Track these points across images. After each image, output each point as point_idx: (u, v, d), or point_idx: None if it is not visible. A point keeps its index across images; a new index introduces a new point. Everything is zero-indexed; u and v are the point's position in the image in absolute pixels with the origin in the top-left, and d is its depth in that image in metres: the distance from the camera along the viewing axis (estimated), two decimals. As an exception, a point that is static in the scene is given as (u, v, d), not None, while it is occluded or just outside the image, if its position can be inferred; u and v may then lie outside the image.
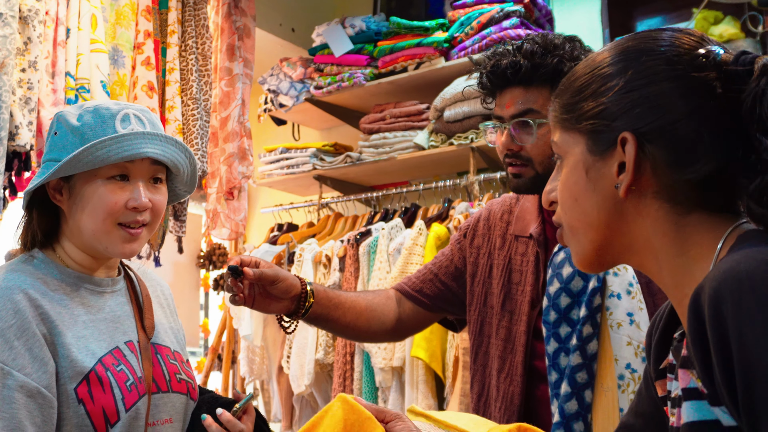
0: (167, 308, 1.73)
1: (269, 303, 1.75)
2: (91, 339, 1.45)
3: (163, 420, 1.53)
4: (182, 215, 3.24)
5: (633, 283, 1.66)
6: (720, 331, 0.79)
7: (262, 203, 4.83)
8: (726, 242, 0.93)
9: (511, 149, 1.79)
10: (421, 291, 1.99)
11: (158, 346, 1.59)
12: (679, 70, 0.95)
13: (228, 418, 1.53)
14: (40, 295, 1.42)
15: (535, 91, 1.75)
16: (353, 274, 3.44)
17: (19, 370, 1.33)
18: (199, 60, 3.30)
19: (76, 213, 1.48)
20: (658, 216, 0.98)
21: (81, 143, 1.44)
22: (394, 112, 3.80)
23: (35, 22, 2.63)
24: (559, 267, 1.69)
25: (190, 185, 1.63)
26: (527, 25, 3.47)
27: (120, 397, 1.43)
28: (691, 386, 0.88)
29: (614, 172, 0.99)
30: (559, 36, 1.79)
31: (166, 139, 1.49)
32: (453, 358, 3.05)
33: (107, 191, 1.46)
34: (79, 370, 1.40)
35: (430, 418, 1.32)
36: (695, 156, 0.94)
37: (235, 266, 1.66)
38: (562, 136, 1.06)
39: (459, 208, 3.33)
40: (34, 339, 1.37)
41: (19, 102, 2.57)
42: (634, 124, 0.96)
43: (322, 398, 3.55)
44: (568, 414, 1.63)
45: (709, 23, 3.16)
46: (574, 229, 1.06)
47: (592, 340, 1.64)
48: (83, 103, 1.52)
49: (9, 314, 1.36)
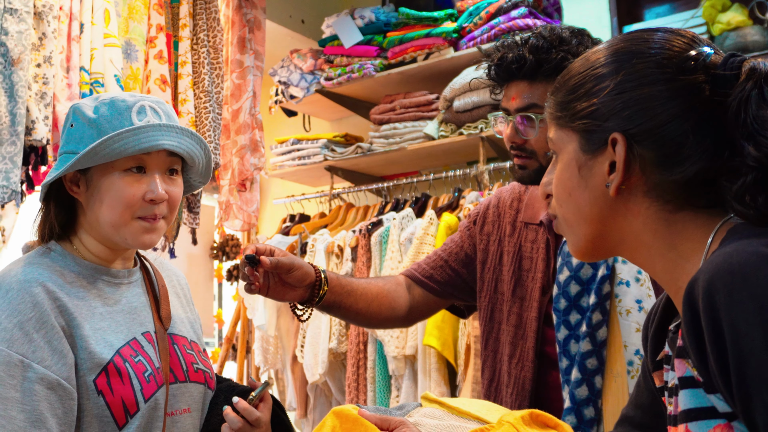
0: (183, 298, 1.73)
1: (284, 291, 1.75)
2: (109, 331, 1.45)
3: (182, 410, 1.53)
4: (196, 207, 3.27)
5: (641, 271, 1.68)
6: (714, 321, 0.82)
7: (274, 194, 4.85)
8: (716, 236, 0.95)
9: (515, 142, 1.81)
10: (431, 277, 2.00)
11: (175, 336, 1.59)
12: (668, 74, 0.97)
13: (244, 406, 1.52)
14: (58, 287, 1.42)
15: (539, 86, 1.77)
16: (365, 263, 3.47)
17: (39, 362, 1.34)
18: (211, 53, 3.32)
19: (94, 205, 1.48)
20: (649, 214, 1.00)
21: (98, 135, 1.44)
22: (404, 102, 3.82)
23: (50, 18, 2.66)
24: (568, 255, 1.71)
25: (204, 176, 1.64)
26: (535, 14, 3.47)
27: (139, 388, 1.43)
28: (687, 375, 0.91)
29: (605, 171, 1.01)
30: (567, 29, 1.80)
31: (181, 130, 1.50)
32: (465, 345, 3.07)
33: (124, 184, 1.46)
34: (97, 361, 1.40)
35: (444, 405, 1.33)
36: (682, 157, 0.96)
37: (251, 255, 1.66)
38: (557, 132, 1.09)
39: (469, 197, 3.35)
40: (53, 332, 1.37)
41: (35, 97, 2.60)
42: (624, 126, 0.99)
43: (336, 387, 3.58)
44: (579, 399, 1.65)
45: (716, 10, 3.16)
46: (568, 221, 1.09)
47: (601, 327, 1.66)
48: (99, 95, 1.53)
49: (28, 307, 1.37)
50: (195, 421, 1.58)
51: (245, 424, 1.52)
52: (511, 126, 1.80)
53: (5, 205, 2.48)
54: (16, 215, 2.51)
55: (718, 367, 0.82)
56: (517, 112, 1.79)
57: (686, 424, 0.89)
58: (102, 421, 1.40)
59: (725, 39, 3.09)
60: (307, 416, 3.70)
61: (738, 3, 3.14)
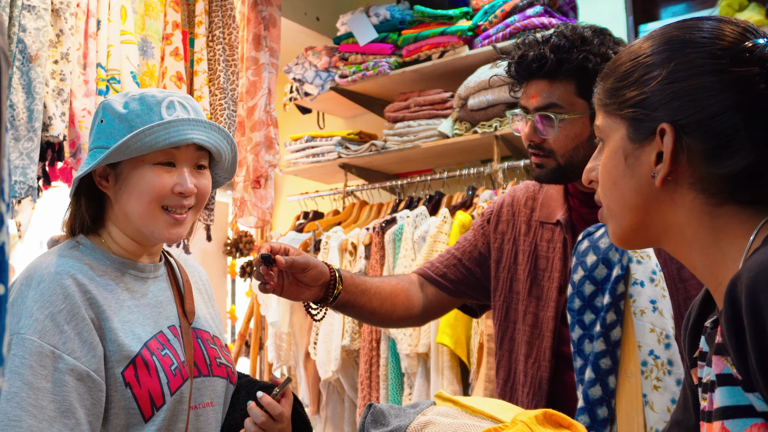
0: (205, 294, 1.75)
1: (299, 290, 1.75)
2: (137, 324, 1.48)
3: (205, 403, 1.55)
4: (210, 204, 3.28)
5: (656, 271, 1.68)
6: (756, 320, 0.81)
7: (288, 191, 4.86)
8: (759, 233, 0.95)
9: (533, 140, 1.81)
10: (444, 276, 2.00)
11: (198, 330, 1.61)
12: (722, 64, 0.96)
13: (268, 401, 1.55)
14: (88, 280, 1.45)
15: (559, 86, 1.76)
16: (379, 261, 3.47)
17: (69, 354, 1.36)
18: (226, 50, 3.33)
19: (123, 198, 1.50)
20: (693, 206, 0.99)
21: (129, 130, 1.46)
22: (419, 100, 3.82)
23: (67, 15, 2.67)
24: (583, 255, 1.71)
25: (230, 172, 1.65)
26: (551, 13, 3.47)
27: (165, 381, 1.45)
28: (725, 372, 0.90)
29: (652, 161, 1.00)
30: (589, 28, 1.79)
31: (209, 125, 1.52)
32: (477, 344, 3.07)
33: (154, 176, 1.48)
34: (126, 354, 1.42)
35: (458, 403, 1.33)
36: (731, 150, 0.95)
37: (267, 254, 1.66)
38: (605, 120, 1.08)
39: (483, 196, 3.35)
40: (83, 323, 1.39)
41: (52, 93, 2.62)
42: (673, 116, 0.98)
43: (348, 384, 3.59)
44: (592, 399, 1.65)
45: (733, 10, 3.14)
46: (612, 210, 1.08)
47: (615, 327, 1.66)
48: (127, 91, 1.55)
49: (59, 299, 1.39)
50: (217, 415, 1.60)
51: (268, 419, 1.54)
52: (530, 124, 1.80)
53: (22, 200, 2.50)
54: (33, 211, 2.53)
55: (759, 367, 0.81)
56: (537, 110, 1.79)
57: (722, 422, 0.89)
58: (129, 413, 1.42)
59: (742, 38, 3.07)
60: (319, 413, 3.72)
61: (755, 2, 3.12)
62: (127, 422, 1.42)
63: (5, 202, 0.59)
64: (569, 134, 1.76)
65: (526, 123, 1.81)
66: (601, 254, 1.67)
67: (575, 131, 1.77)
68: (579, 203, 1.88)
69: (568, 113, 1.75)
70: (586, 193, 1.86)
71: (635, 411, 1.61)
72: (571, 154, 1.77)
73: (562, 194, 1.91)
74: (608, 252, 1.66)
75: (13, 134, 2.46)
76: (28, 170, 2.47)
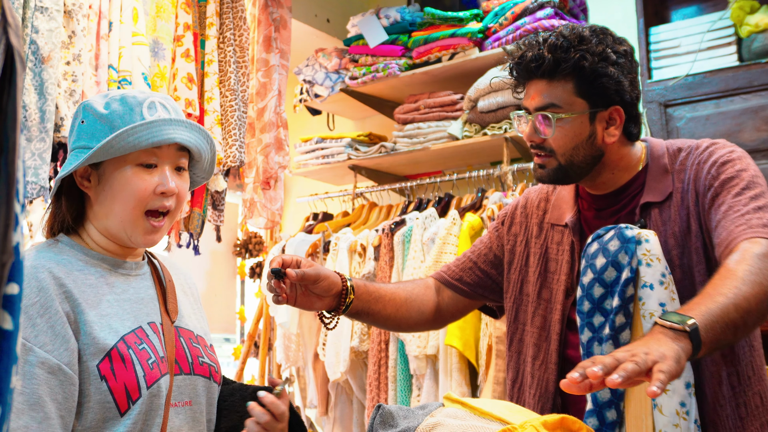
0: (191, 296, 1.75)
1: (311, 301, 1.78)
2: (115, 318, 1.48)
3: (184, 402, 1.55)
4: (221, 205, 3.29)
5: (666, 274, 1.67)
6: None
7: (298, 192, 4.87)
8: None
9: (534, 140, 1.81)
10: (461, 279, 2.02)
11: (181, 329, 1.61)
12: None
13: (272, 399, 1.55)
14: (65, 274, 1.45)
15: (558, 85, 1.76)
16: (388, 263, 3.48)
17: (40, 346, 1.36)
18: (237, 51, 3.35)
19: (106, 199, 1.52)
20: None
21: (110, 130, 1.48)
22: (428, 102, 3.82)
23: (79, 16, 2.69)
24: (592, 258, 1.71)
25: (208, 172, 1.67)
26: (561, 15, 3.46)
27: (141, 374, 1.45)
28: None
29: None
30: (588, 28, 1.79)
31: (190, 125, 1.54)
32: (486, 346, 3.07)
33: (137, 178, 1.50)
34: (101, 347, 1.42)
35: (466, 405, 1.34)
36: None
37: (278, 268, 1.68)
38: None
39: (492, 197, 3.35)
40: (56, 317, 1.39)
41: (63, 94, 2.63)
42: None
43: (357, 385, 3.59)
44: (601, 402, 1.65)
45: (745, 12, 3.13)
46: None
47: (624, 330, 1.66)
48: (107, 92, 1.57)
49: (33, 292, 1.39)
50: (195, 414, 1.59)
51: (272, 418, 1.55)
52: (531, 125, 1.81)
53: (33, 200, 2.51)
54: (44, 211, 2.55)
55: None
56: (536, 110, 1.79)
57: None
58: (104, 407, 1.41)
59: (753, 41, 3.07)
60: (327, 414, 3.72)
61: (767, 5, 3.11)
62: (103, 416, 1.41)
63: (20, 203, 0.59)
64: (568, 133, 1.76)
65: (528, 123, 1.82)
66: (610, 257, 1.67)
67: (574, 130, 1.77)
68: (587, 206, 1.89)
69: (566, 113, 1.76)
70: (594, 195, 1.86)
71: (644, 414, 1.60)
72: (572, 153, 1.77)
73: (573, 196, 1.92)
74: (618, 254, 1.66)
75: (25, 135, 2.48)
76: (40, 171, 2.49)
